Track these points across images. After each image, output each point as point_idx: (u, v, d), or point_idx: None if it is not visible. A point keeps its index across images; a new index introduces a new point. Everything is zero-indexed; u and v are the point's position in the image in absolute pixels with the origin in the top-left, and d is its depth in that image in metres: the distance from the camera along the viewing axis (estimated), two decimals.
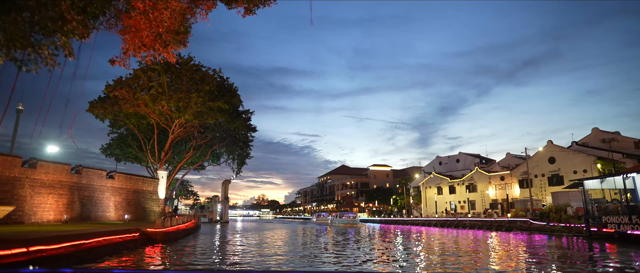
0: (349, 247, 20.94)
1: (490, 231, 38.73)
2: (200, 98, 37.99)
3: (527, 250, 20.45)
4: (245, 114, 46.51)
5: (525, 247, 22.04)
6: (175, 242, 22.40)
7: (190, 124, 43.39)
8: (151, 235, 19.82)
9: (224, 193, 77.89)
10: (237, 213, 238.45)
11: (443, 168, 76.29)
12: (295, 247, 20.90)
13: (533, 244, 23.93)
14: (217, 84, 42.50)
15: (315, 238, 29.73)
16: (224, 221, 74.31)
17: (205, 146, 52.63)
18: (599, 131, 51.97)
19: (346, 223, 58.77)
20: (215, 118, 41.49)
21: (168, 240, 21.34)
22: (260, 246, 21.03)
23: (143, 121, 45.88)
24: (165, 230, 21.12)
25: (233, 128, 44.34)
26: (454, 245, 23.26)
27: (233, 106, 41.97)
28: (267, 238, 28.47)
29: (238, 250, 19.59)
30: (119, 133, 54.20)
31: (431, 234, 35.06)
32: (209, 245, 21.53)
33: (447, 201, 63.83)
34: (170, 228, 22.13)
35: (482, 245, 23.68)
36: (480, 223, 43.92)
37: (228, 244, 22.08)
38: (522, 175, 52.07)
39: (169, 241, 21.51)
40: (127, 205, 29.99)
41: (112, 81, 38.84)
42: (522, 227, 36.21)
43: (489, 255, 18.58)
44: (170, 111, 39.79)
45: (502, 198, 54.89)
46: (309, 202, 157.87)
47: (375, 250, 19.84)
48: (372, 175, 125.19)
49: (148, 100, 37.92)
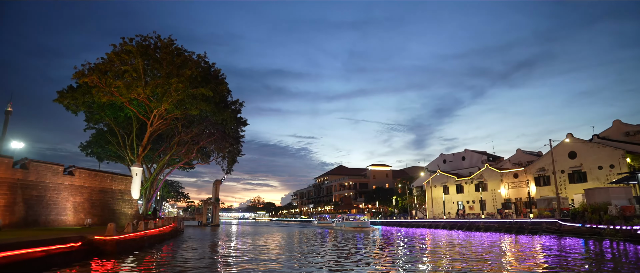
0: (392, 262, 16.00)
1: (510, 235, 34.25)
2: (181, 84, 33.26)
3: (584, 260, 15.92)
4: (235, 105, 41.70)
5: (579, 256, 17.53)
6: (138, 251, 17.69)
7: (172, 116, 38.64)
8: (99, 245, 15.08)
9: (215, 194, 72.92)
10: (232, 216, 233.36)
11: (447, 166, 71.89)
12: (307, 262, 15.73)
13: (577, 251, 19.42)
14: (202, 70, 37.78)
15: (326, 246, 24.99)
16: (214, 224, 69.33)
17: (191, 142, 47.91)
18: (621, 123, 47.72)
19: (355, 227, 51.34)
20: (199, 108, 36.75)
21: (124, 251, 16.58)
22: (253, 260, 16.26)
23: (120, 113, 41.09)
24: (120, 238, 16.32)
25: (220, 120, 39.57)
26: (498, 256, 18.69)
27: (219, 94, 37.25)
28: (260, 246, 23.76)
29: (218, 266, 14.84)
30: (98, 129, 49.38)
31: (469, 240, 30.50)
32: (181, 258, 16.82)
33: (454, 201, 59.36)
34: (128, 235, 17.34)
35: (537, 255, 19.11)
36: (497, 225, 39.43)
37: (205, 258, 17.32)
38: (539, 171, 47.70)
39: (126, 251, 16.75)
40: (91, 206, 25.21)
41: (80, 65, 34.04)
42: (549, 230, 31.72)
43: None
44: (147, 99, 35.04)
45: (516, 197, 50.49)
46: (306, 204, 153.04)
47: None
48: (371, 175, 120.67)
49: (122, 87, 33.18)
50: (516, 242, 25.89)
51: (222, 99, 39.62)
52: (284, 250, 21.21)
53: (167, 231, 26.58)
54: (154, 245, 21.62)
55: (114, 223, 18.08)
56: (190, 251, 19.84)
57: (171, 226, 30.02)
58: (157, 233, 23.27)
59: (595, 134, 46.20)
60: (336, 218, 65.15)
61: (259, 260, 15.90)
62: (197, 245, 23.86)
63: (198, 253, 19.00)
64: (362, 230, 48.38)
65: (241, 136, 52.41)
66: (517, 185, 50.41)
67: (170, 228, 29.08)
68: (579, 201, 36.86)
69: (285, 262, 15.50)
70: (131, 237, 17.54)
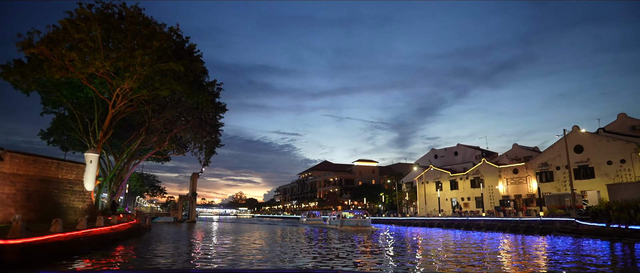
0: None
1: (515, 235, 30.80)
2: (147, 57, 28.44)
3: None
4: (212, 87, 36.91)
5: (622, 262, 13.85)
6: (65, 260, 13.15)
7: (139, 97, 33.74)
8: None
9: (192, 188, 67.79)
10: (213, 212, 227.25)
11: (439, 161, 68.68)
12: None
13: (614, 256, 15.81)
14: (174, 45, 32.98)
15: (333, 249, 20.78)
16: (190, 220, 64.27)
17: (164, 130, 42.94)
18: (627, 117, 45.06)
19: (353, 226, 43.22)
20: (170, 89, 31.96)
21: (39, 259, 11.95)
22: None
23: (80, 94, 35.91)
24: (31, 241, 11.64)
25: (195, 103, 34.83)
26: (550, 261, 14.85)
27: (193, 73, 32.49)
28: (240, 249, 19.41)
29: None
30: (58, 114, 43.86)
31: (488, 241, 26.74)
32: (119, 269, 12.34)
33: (448, 198, 56.01)
34: (47, 236, 12.68)
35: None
36: (501, 224, 35.98)
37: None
38: (541, 167, 44.61)
39: (41, 260, 12.12)
40: (26, 199, 20.34)
41: (27, 33, 28.83)
42: (564, 230, 28.30)
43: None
44: (108, 76, 30.10)
45: (515, 194, 47.37)
46: (289, 200, 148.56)
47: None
48: (357, 171, 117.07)
49: (77, 60, 28.16)
50: (536, 244, 22.27)
51: (197, 79, 34.89)
52: (271, 254, 16.94)
53: (123, 229, 21.87)
54: (99, 248, 17.02)
55: (60, 220, 13.58)
56: (142, 258, 15.35)
57: (131, 223, 25.25)
58: (106, 233, 18.62)
59: (600, 128, 43.34)
60: (329, 215, 56.09)
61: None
62: (160, 247, 19.38)
63: (151, 261, 14.54)
64: (362, 229, 40.61)
65: (220, 125, 47.70)
66: (517, 181, 47.28)
67: (129, 226, 24.35)
68: (594, 198, 33.73)
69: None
70: (53, 239, 12.91)
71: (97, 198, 31.27)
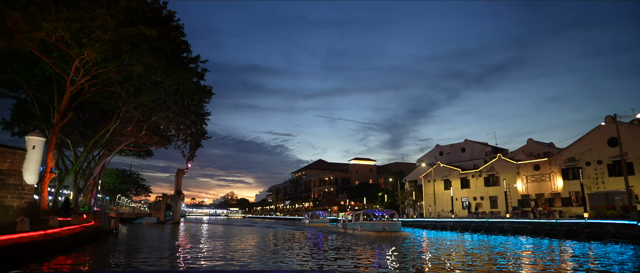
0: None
1: (556, 239, 25.81)
2: (112, 19, 22.79)
3: None
4: (195, 63, 31.22)
5: None
6: None
7: (106, 74, 28.02)
8: None
9: (177, 186, 61.87)
10: (203, 212, 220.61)
11: (445, 158, 63.63)
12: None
13: None
14: (149, 10, 27.32)
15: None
16: (174, 222, 58.34)
17: (142, 118, 37.24)
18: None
19: (378, 231, 31.74)
20: (142, 62, 26.25)
21: None
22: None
23: (36, 71, 29.98)
24: None
25: (174, 83, 29.17)
26: None
27: (171, 44, 26.87)
28: (232, 260, 13.98)
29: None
30: (18, 98, 37.98)
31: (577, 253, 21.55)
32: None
33: (458, 198, 50.98)
34: None
35: None
36: (531, 226, 30.92)
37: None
38: (567, 162, 39.75)
39: None
40: None
41: None
42: (621, 235, 23.27)
43: None
44: (64, 43, 24.38)
45: (536, 193, 42.46)
46: (282, 200, 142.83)
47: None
48: (353, 170, 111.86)
49: (20, 20, 22.44)
50: (607, 254, 17.17)
51: (176, 52, 29.26)
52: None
53: (66, 235, 16.22)
54: (14, 264, 11.48)
55: None
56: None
57: (83, 226, 19.59)
58: (35, 240, 13.04)
59: (636, 118, 38.57)
60: (343, 217, 44.31)
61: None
62: (112, 260, 13.91)
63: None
64: (393, 235, 30.29)
65: (206, 113, 42.06)
66: (539, 179, 42.37)
67: (81, 229, 18.70)
68: None
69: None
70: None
71: (45, 196, 25.40)
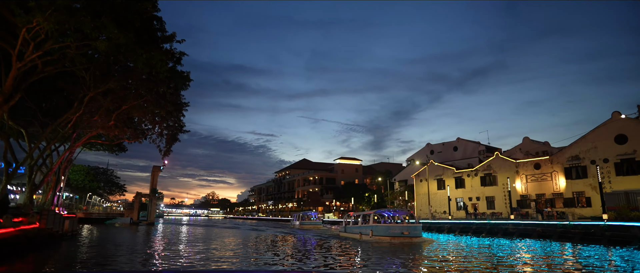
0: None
1: (569, 243, 23.24)
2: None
3: None
4: (170, 43, 27.38)
5: None
6: None
7: (64, 50, 24.01)
8: None
9: (152, 184, 57.45)
10: (182, 212, 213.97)
11: (436, 157, 61.23)
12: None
13: None
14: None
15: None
16: (149, 222, 53.97)
17: (110, 107, 33.07)
18: None
19: (396, 237, 25.12)
20: (107, 36, 22.37)
21: None
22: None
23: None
24: None
25: (145, 63, 25.30)
26: None
27: (141, 16, 23.10)
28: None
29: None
30: None
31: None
32: None
33: (452, 198, 48.46)
34: None
35: None
36: (540, 229, 28.36)
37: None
38: (570, 161, 37.59)
39: None
40: None
41: None
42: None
43: None
44: (6, 9, 20.42)
45: (537, 193, 40.22)
46: (264, 200, 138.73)
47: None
48: (339, 170, 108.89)
49: None
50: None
51: (148, 29, 25.46)
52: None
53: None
54: None
55: None
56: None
57: (17, 229, 15.62)
58: None
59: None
60: (346, 217, 35.69)
61: None
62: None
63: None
64: (412, 242, 24.34)
65: (184, 104, 38.17)
66: (539, 178, 40.13)
67: (12, 234, 14.80)
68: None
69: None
70: None
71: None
